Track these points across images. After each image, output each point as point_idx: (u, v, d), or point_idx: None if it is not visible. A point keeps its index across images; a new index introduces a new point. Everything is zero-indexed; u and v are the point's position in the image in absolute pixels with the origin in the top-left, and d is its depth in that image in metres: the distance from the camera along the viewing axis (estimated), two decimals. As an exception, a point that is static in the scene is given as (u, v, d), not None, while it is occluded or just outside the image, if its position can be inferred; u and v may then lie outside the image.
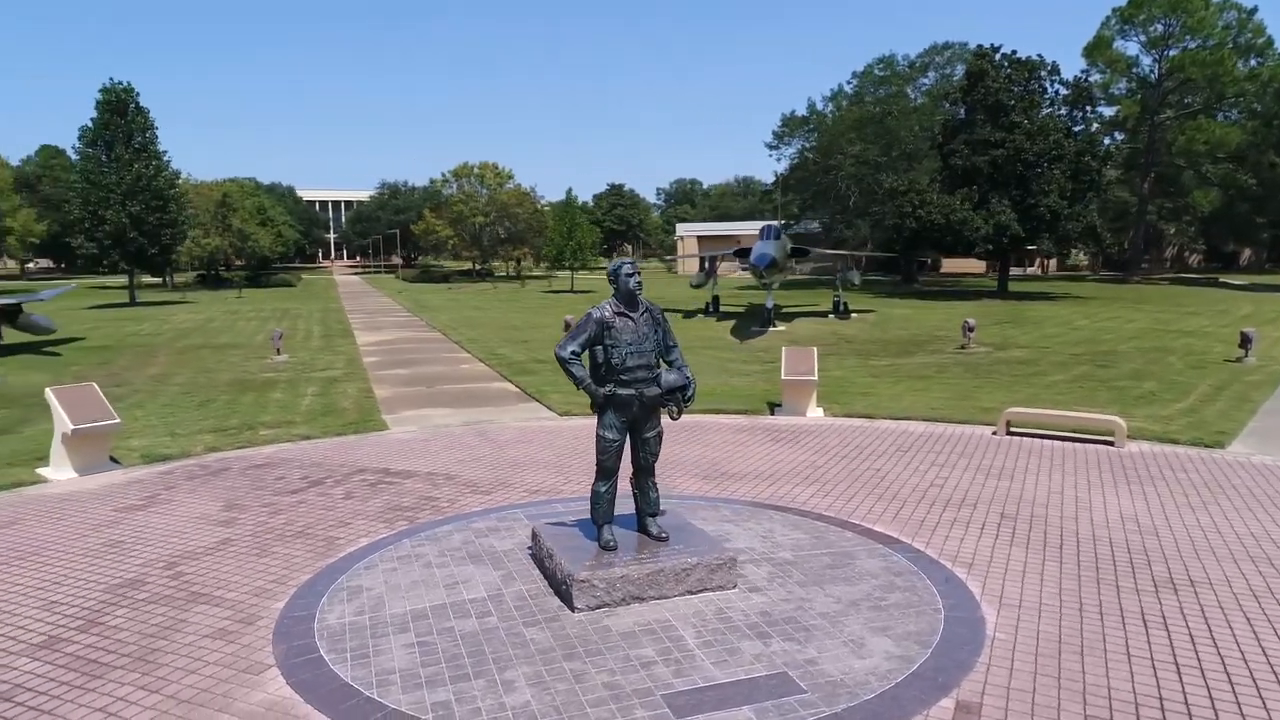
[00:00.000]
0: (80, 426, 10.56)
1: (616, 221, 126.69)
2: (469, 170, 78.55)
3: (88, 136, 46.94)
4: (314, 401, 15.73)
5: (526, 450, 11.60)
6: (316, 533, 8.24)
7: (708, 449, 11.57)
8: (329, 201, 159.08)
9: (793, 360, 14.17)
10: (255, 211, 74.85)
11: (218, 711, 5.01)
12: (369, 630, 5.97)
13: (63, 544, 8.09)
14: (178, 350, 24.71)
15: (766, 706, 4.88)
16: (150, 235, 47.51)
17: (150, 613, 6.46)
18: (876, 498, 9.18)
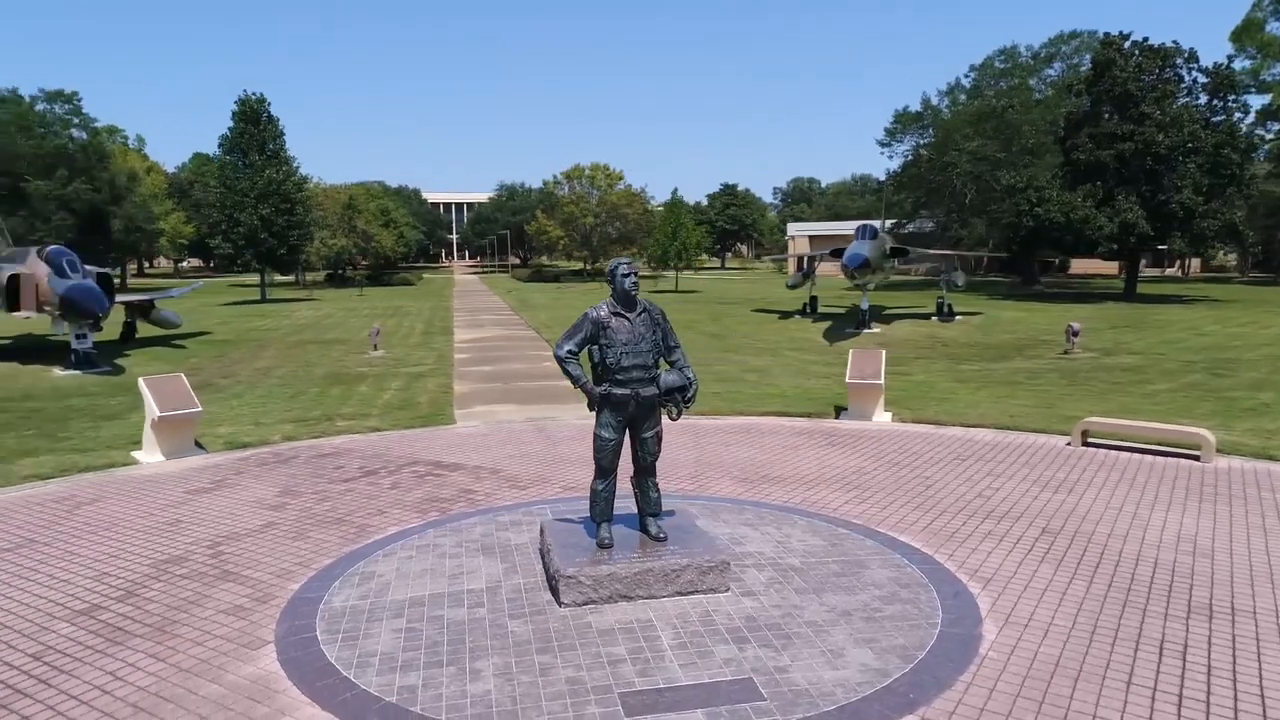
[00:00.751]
0: (166, 414, 11.41)
1: (729, 221, 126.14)
2: (580, 172, 79.87)
3: (226, 144, 50.41)
4: (394, 395, 16.43)
5: (577, 448, 11.77)
6: (353, 520, 8.64)
7: (757, 451, 11.44)
8: (452, 203, 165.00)
9: (859, 363, 13.82)
10: (378, 214, 78.40)
11: (208, 682, 5.36)
12: (366, 614, 6.24)
13: (130, 521, 8.78)
14: (289, 345, 26.23)
15: (720, 711, 4.84)
16: (279, 236, 50.59)
17: (182, 587, 6.95)
18: (914, 507, 8.88)
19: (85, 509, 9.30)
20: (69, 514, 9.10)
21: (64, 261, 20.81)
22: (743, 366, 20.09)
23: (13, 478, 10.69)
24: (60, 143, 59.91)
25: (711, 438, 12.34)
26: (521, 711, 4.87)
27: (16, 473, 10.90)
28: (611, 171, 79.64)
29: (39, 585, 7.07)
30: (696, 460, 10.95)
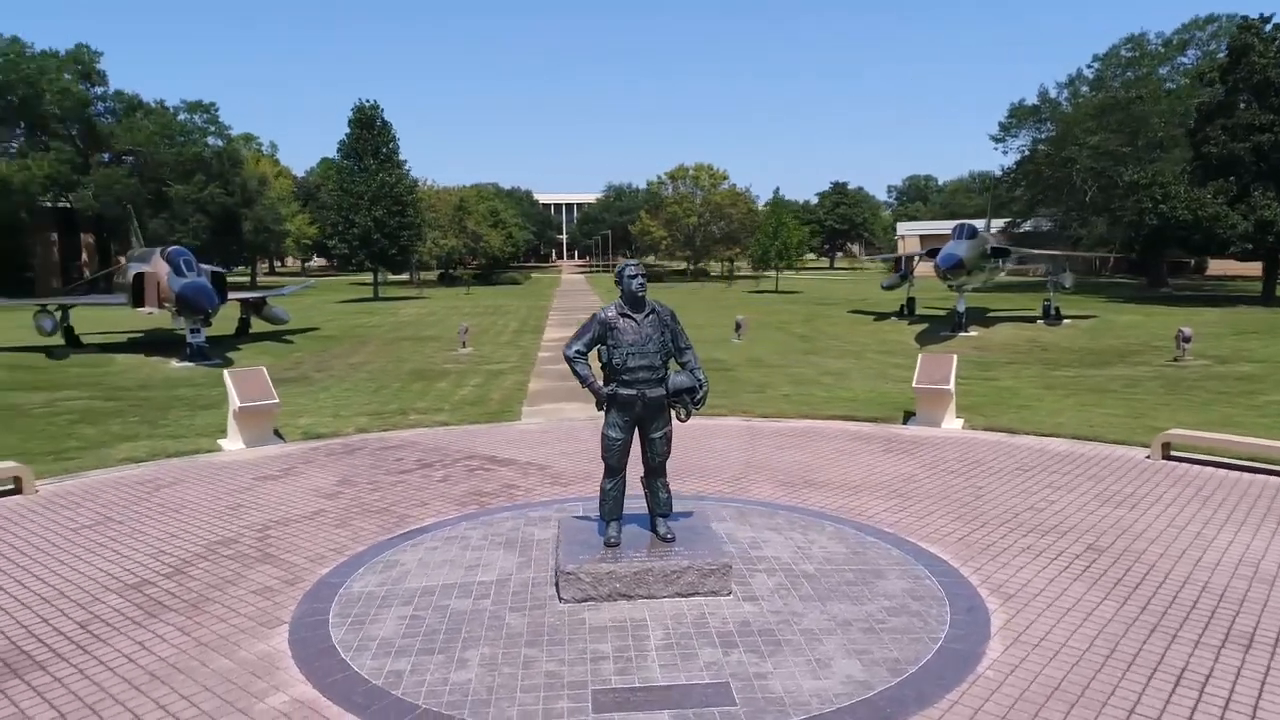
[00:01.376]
0: (245, 404, 12.16)
1: (839, 221, 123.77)
2: (684, 172, 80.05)
3: (343, 149, 52.99)
4: (470, 392, 16.95)
5: (629, 447, 11.85)
6: (395, 510, 9.00)
7: (809, 455, 11.26)
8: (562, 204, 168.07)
9: (928, 367, 13.40)
10: (488, 214, 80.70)
11: (221, 656, 5.73)
12: (379, 600, 6.52)
13: (197, 504, 9.42)
14: (386, 341, 27.40)
15: (688, 714, 4.84)
16: (391, 236, 52.84)
17: (224, 567, 7.42)
18: (955, 517, 8.56)
19: (163, 491, 10.02)
20: (147, 495, 9.83)
21: (181, 261, 22.39)
22: (821, 369, 19.74)
23: (110, 460, 11.61)
24: (198, 150, 64.18)
25: (768, 440, 12.22)
26: (494, 701, 5.01)
27: (114, 456, 11.84)
28: (715, 171, 79.49)
29: (103, 559, 7.69)
30: (744, 463, 10.87)
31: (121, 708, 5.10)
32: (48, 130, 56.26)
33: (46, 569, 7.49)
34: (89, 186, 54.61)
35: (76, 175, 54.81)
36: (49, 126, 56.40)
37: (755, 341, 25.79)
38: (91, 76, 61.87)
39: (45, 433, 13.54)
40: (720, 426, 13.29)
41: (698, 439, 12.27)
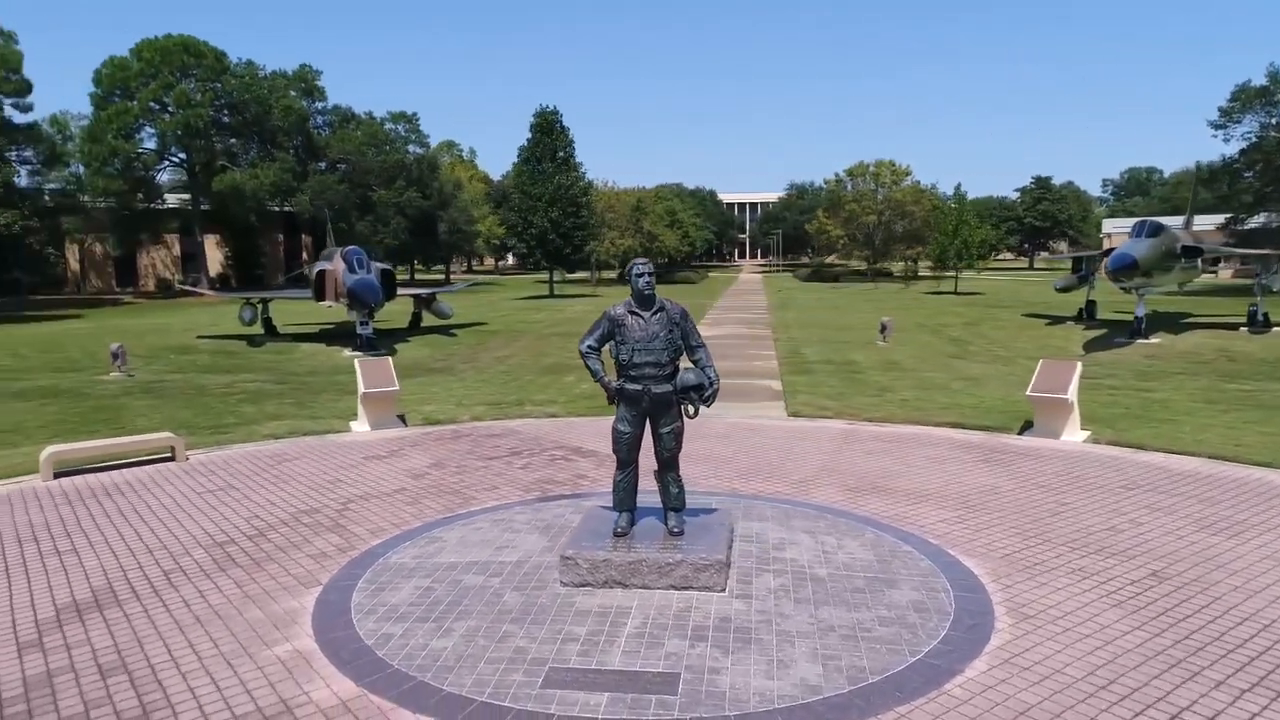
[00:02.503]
0: (369, 390, 13.32)
1: (1040, 217, 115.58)
2: (864, 169, 77.72)
3: (524, 154, 55.75)
4: (592, 386, 17.53)
5: (713, 445, 11.96)
6: (465, 492, 9.64)
7: (893, 462, 10.90)
8: (745, 203, 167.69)
9: (1046, 375, 12.55)
10: (665, 215, 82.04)
11: (256, 608, 6.49)
12: (406, 571, 7.09)
13: (306, 477, 10.50)
14: (539, 337, 28.71)
15: (625, 698, 5.01)
16: (566, 237, 55.01)
17: (296, 533, 8.30)
18: (1017, 533, 8.08)
19: (284, 465, 11.22)
20: (270, 468, 11.06)
21: (354, 259, 24.60)
22: (958, 375, 18.81)
23: (255, 435, 13.11)
24: (399, 156, 69.67)
25: (859, 445, 11.92)
26: (457, 668, 5.39)
27: (259, 432, 13.35)
28: (898, 167, 76.64)
29: (207, 519, 8.81)
30: (820, 466, 10.70)
31: (161, 644, 5.93)
32: (275, 142, 62.99)
33: (162, 524, 8.67)
34: (305, 192, 60.62)
35: (296, 182, 61.00)
36: (276, 139, 63.13)
37: (901, 344, 24.86)
38: (312, 92, 68.59)
39: (214, 409, 15.43)
40: (817, 429, 13.08)
41: (785, 440, 12.18)
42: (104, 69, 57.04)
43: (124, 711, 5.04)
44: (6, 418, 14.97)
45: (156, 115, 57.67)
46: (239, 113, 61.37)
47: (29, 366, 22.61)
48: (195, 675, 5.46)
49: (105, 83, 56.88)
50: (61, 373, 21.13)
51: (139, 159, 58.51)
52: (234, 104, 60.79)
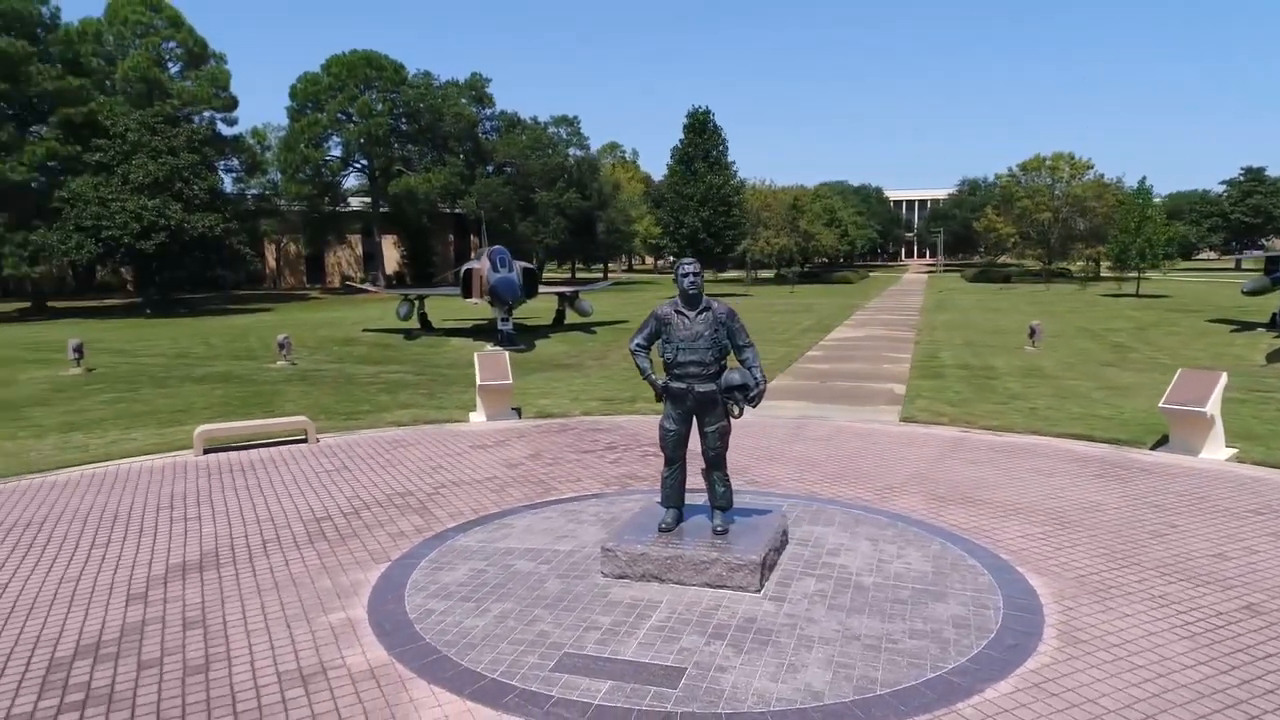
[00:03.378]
0: (484, 383, 14.03)
1: (1250, 213, 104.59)
2: (1040, 163, 72.99)
3: (676, 154, 56.30)
4: (709, 385, 17.61)
5: (809, 448, 11.79)
6: (549, 483, 10.02)
7: (995, 473, 10.36)
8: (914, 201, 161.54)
9: (1183, 386, 11.51)
10: (822, 213, 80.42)
11: (327, 578, 7.08)
12: (468, 554, 7.50)
13: (412, 463, 11.23)
14: (675, 335, 28.97)
15: (626, 688, 5.14)
16: (716, 236, 55.12)
17: (385, 513, 8.93)
18: (1104, 554, 7.52)
19: (398, 450, 12.04)
20: (385, 452, 11.89)
21: (498, 258, 25.79)
22: (1105, 384, 17.48)
23: (381, 422, 14.10)
24: (560, 159, 72.08)
25: (964, 453, 11.39)
26: (479, 646, 5.70)
27: (386, 419, 14.35)
28: (1077, 160, 71.45)
29: (313, 496, 9.63)
30: (913, 474, 10.33)
31: (239, 604, 6.60)
32: (446, 148, 66.75)
33: (277, 499, 9.57)
34: (472, 195, 63.86)
35: (464, 185, 64.37)
36: (447, 144, 66.88)
37: (1053, 350, 23.32)
38: (482, 100, 72.17)
39: (354, 396, 16.70)
40: (925, 435, 12.60)
41: (887, 446, 11.82)
42: (298, 84, 62.43)
43: (190, 660, 5.68)
44: (181, 399, 16.83)
45: (342, 125, 62.51)
46: (415, 120, 65.48)
47: (214, 355, 25.23)
48: (257, 634, 6.06)
49: (299, 96, 62.25)
50: (238, 360, 23.45)
51: (326, 166, 63.58)
52: (411, 112, 64.92)
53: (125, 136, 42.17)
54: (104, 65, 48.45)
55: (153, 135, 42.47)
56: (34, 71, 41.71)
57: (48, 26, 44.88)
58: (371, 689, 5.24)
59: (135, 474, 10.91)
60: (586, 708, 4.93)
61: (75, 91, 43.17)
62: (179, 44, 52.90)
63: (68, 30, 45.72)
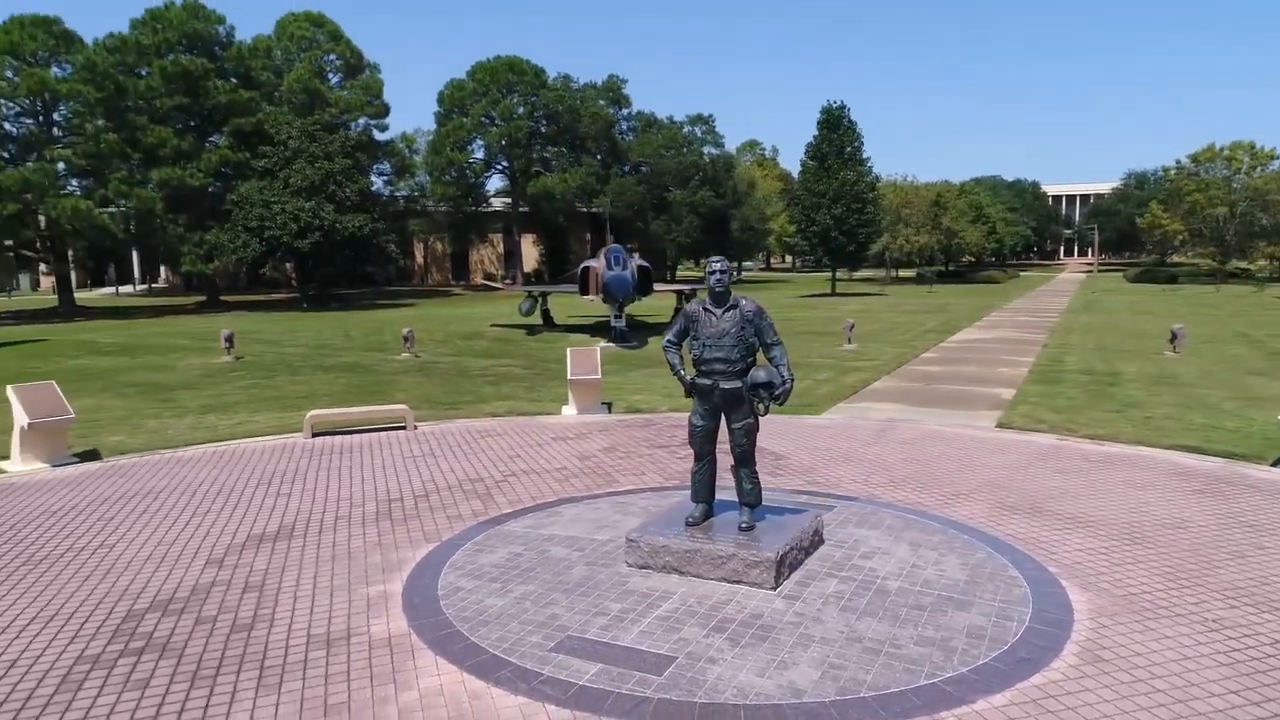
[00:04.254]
0: (574, 377, 14.47)
1: None
2: (1214, 153, 67.11)
3: (809, 150, 55.43)
4: (807, 385, 17.40)
5: (886, 450, 11.52)
6: (613, 475, 10.28)
7: (1077, 484, 9.81)
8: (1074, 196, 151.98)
9: (1310, 397, 10.49)
10: (967, 209, 77.02)
11: (379, 554, 7.61)
12: (512, 539, 7.86)
13: (492, 452, 11.76)
14: (790, 334, 28.63)
15: (613, 672, 5.30)
16: (849, 234, 53.90)
17: (451, 497, 9.44)
18: (1168, 573, 7.05)
19: (486, 439, 12.63)
20: (474, 440, 12.49)
21: (613, 257, 26.33)
22: (1243, 394, 16.05)
23: (477, 413, 14.80)
24: (694, 157, 72.36)
25: (1054, 462, 10.83)
26: (491, 623, 6.02)
27: (483, 409, 15.04)
28: (1259, 150, 65.24)
29: (393, 479, 10.29)
30: (987, 481, 9.93)
31: (296, 573, 7.21)
32: (583, 148, 68.42)
33: (360, 480, 10.28)
34: (607, 194, 65.17)
35: (599, 185, 65.78)
36: (584, 145, 68.54)
37: (1198, 356, 21.56)
38: (619, 101, 73.51)
39: (461, 388, 17.55)
40: (1016, 442, 12.05)
41: (970, 451, 11.40)
42: (445, 90, 65.60)
43: (239, 619, 6.28)
44: (308, 386, 18.20)
45: (485, 128, 65.19)
46: (554, 122, 67.47)
47: (349, 346, 27.02)
48: (303, 600, 6.62)
49: (446, 102, 65.40)
50: (369, 352, 25.03)
51: (469, 168, 66.48)
52: (550, 114, 66.92)
53: (287, 144, 45.67)
54: (272, 78, 52.56)
55: (311, 142, 45.79)
56: (211, 86, 45.82)
57: (224, 45, 49.18)
58: (384, 656, 5.65)
59: (249, 453, 11.96)
60: (569, 687, 5.14)
61: (245, 103, 47.10)
62: (338, 56, 56.73)
63: (240, 47, 49.90)
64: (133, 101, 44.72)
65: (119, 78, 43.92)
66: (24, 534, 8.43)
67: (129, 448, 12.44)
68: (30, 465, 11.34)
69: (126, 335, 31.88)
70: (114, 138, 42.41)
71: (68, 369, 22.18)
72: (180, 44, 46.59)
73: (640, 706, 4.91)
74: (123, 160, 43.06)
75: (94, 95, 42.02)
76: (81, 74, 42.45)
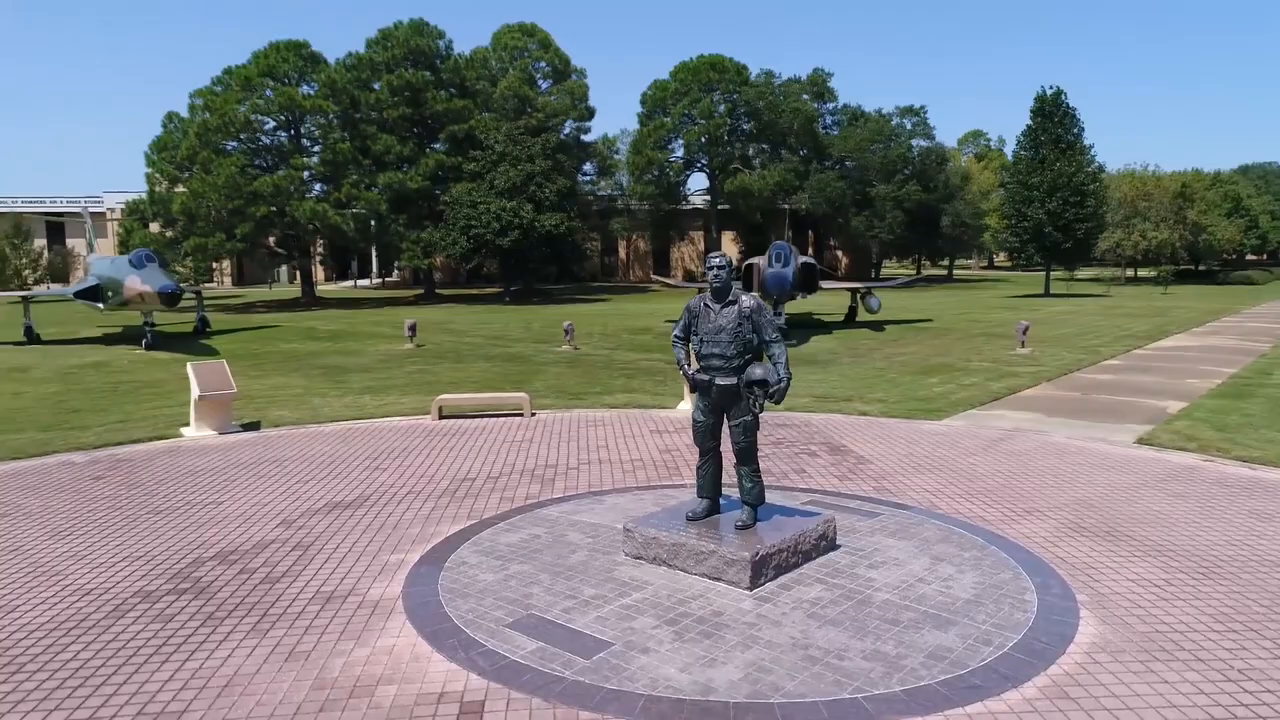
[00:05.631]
0: (686, 373, 14.63)
1: None
2: None
3: (1022, 141, 51.58)
4: (949, 389, 16.48)
5: (980, 460, 10.78)
6: (681, 469, 10.41)
7: (1188, 508, 8.72)
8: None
9: None
10: (1220, 201, 68.33)
11: (419, 527, 8.25)
12: (541, 521, 8.25)
13: (587, 441, 12.21)
14: (964, 337, 27.01)
15: (548, 651, 5.52)
16: (1065, 230, 49.64)
17: (517, 481, 9.97)
18: (1212, 610, 6.19)
19: (588, 429, 13.12)
20: (576, 430, 13.02)
21: (776, 253, 26.09)
22: None
23: (597, 404, 15.35)
24: (902, 150, 69.34)
25: (1178, 484, 9.68)
26: (469, 597, 6.41)
27: (604, 401, 15.56)
28: None
29: (479, 460, 11.00)
30: (1074, 500, 9.06)
31: (344, 537, 8.00)
32: (784, 144, 67.70)
33: (451, 461, 11.07)
34: (805, 190, 64.12)
35: (798, 181, 64.84)
36: (785, 141, 67.79)
37: None
38: (823, 95, 72.05)
39: (594, 380, 18.21)
40: (1146, 460, 10.87)
41: (1081, 467, 10.43)
42: (649, 91, 67.29)
43: (274, 573, 7.10)
44: (464, 373, 19.60)
45: (685, 127, 66.17)
46: (755, 119, 67.29)
47: (523, 338, 28.62)
48: (331, 562, 7.35)
49: (649, 103, 67.08)
50: (536, 344, 26.42)
51: (669, 166, 67.74)
52: (751, 111, 66.81)
53: (494, 148, 48.88)
54: (488, 86, 56.40)
55: (515, 146, 48.72)
56: (429, 96, 49.96)
57: (443, 58, 53.40)
58: (364, 617, 6.20)
59: (375, 430, 13.19)
60: (500, 660, 5.43)
61: (460, 111, 50.93)
62: (546, 63, 59.78)
63: (457, 59, 53.97)
64: (364, 113, 49.71)
65: (354, 92, 48.99)
66: (160, 489, 9.89)
67: (285, 421, 14.09)
68: (202, 432, 13.16)
69: (342, 323, 35.60)
70: (348, 146, 47.36)
71: (280, 351, 25.24)
72: (406, 59, 51.13)
73: (550, 685, 5.11)
74: (355, 166, 47.98)
75: (333, 109, 47.18)
76: (323, 90, 47.76)
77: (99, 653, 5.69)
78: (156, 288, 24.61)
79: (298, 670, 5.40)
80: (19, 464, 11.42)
